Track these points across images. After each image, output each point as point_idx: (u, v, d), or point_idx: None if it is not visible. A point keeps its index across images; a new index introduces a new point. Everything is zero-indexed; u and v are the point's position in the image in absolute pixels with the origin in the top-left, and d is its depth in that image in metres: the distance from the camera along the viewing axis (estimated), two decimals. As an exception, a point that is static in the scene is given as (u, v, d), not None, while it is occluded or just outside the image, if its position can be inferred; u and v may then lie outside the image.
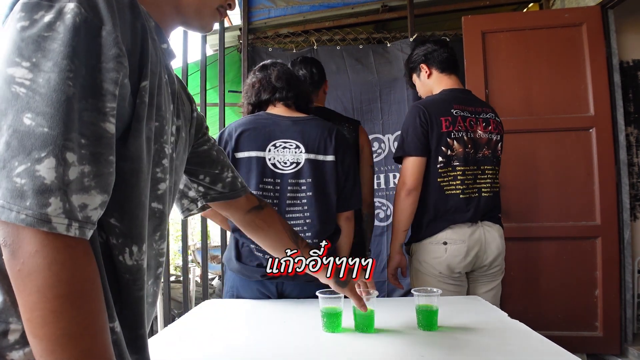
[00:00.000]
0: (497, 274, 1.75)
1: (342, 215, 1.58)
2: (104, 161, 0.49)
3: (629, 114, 2.77)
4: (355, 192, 1.59)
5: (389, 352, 0.96)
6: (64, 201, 0.45)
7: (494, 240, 1.70)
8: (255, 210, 0.98)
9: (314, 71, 1.85)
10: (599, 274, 2.57)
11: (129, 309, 0.59)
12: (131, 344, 0.60)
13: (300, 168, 1.50)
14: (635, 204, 2.78)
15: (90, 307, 0.47)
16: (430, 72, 1.82)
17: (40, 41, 0.46)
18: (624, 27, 2.78)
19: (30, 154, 0.44)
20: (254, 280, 1.49)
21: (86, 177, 0.47)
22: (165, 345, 1.04)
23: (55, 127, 0.45)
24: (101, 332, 0.48)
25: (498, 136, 1.77)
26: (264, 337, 1.09)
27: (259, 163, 1.49)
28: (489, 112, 1.78)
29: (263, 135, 1.50)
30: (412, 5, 3.16)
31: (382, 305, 1.38)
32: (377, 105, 3.08)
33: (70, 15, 0.47)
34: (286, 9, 3.28)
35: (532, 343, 0.98)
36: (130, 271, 0.58)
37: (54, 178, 0.44)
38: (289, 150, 1.50)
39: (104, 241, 0.56)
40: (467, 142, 1.70)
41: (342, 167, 1.54)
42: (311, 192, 1.50)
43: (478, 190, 1.71)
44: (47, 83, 0.45)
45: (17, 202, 0.43)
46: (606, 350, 2.58)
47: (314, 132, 1.52)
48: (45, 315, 0.45)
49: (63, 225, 0.45)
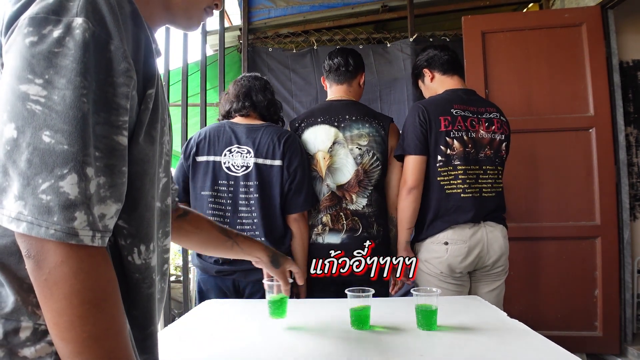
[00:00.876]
0: (501, 274, 1.75)
1: (289, 217, 1.68)
2: (117, 172, 0.52)
3: (628, 114, 2.77)
4: (300, 196, 1.66)
5: (389, 352, 0.96)
6: (87, 214, 0.48)
7: (496, 240, 1.70)
8: (181, 218, 0.99)
9: (349, 61, 1.83)
10: (599, 273, 2.57)
11: (139, 308, 0.62)
12: (141, 344, 0.63)
13: (250, 171, 1.65)
14: (635, 204, 2.78)
15: (112, 310, 0.51)
16: (433, 76, 1.86)
17: (52, 57, 0.47)
18: (624, 27, 2.78)
19: (53, 171, 0.46)
20: (212, 276, 1.64)
21: (102, 188, 0.50)
22: (165, 345, 1.04)
23: (74, 144, 0.47)
24: (122, 332, 0.52)
25: (502, 136, 1.77)
26: (264, 337, 1.09)
27: (215, 166, 1.65)
28: (493, 112, 1.78)
29: (221, 141, 1.67)
30: (412, 6, 3.16)
31: (382, 305, 1.38)
32: (377, 105, 3.08)
33: (80, 31, 0.48)
34: (286, 9, 3.28)
35: (532, 343, 0.98)
36: (139, 270, 0.61)
37: (77, 193, 0.47)
38: (240, 155, 1.65)
39: (112, 243, 0.59)
40: (467, 142, 1.71)
41: (287, 171, 1.64)
42: (257, 194, 1.64)
43: (479, 190, 1.71)
44: (63, 100, 0.47)
45: (45, 218, 0.46)
46: (606, 350, 2.58)
47: (265, 138, 1.66)
48: (72, 320, 0.48)
49: (88, 237, 0.48)
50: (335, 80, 1.85)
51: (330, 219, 1.73)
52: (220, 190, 1.65)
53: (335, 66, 1.83)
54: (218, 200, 1.66)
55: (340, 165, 1.74)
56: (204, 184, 1.66)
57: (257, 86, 1.75)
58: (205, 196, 1.66)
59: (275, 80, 3.14)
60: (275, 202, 1.65)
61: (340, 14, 3.29)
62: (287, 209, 1.67)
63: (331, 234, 1.72)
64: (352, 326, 1.12)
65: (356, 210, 1.73)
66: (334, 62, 1.83)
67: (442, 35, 3.15)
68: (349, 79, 1.84)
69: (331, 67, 1.84)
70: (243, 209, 1.64)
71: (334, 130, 1.75)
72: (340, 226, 1.72)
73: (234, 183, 1.64)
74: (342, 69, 1.82)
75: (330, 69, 1.85)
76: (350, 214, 1.73)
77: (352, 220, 1.72)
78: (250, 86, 1.75)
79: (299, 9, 3.28)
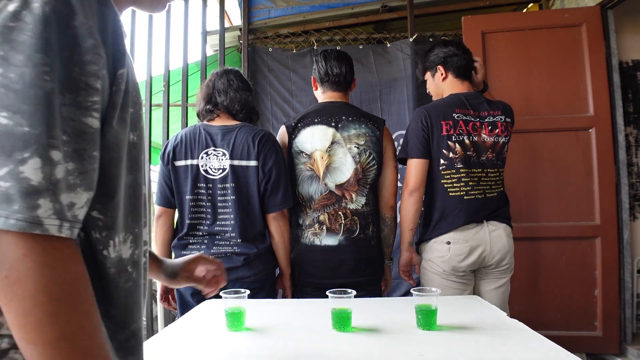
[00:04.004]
0: (506, 272, 1.76)
1: (268, 217, 1.67)
2: (88, 157, 0.48)
3: (628, 114, 2.78)
4: (277, 195, 1.66)
5: (389, 352, 0.96)
6: (53, 202, 0.43)
7: (499, 239, 1.71)
8: None
9: (347, 70, 1.84)
10: (599, 273, 2.57)
11: (118, 306, 0.57)
12: (124, 344, 0.58)
13: (226, 174, 1.64)
14: (635, 204, 2.78)
15: (84, 306, 0.46)
16: (445, 76, 1.83)
17: (6, 32, 0.43)
18: (624, 28, 2.78)
19: (12, 155, 0.42)
20: None
21: (71, 175, 0.46)
22: (165, 345, 1.04)
23: (36, 125, 0.43)
24: (97, 330, 0.48)
25: (506, 138, 1.78)
26: (263, 337, 1.09)
27: (193, 170, 1.65)
28: (497, 115, 1.78)
29: (197, 144, 1.67)
30: (412, 6, 3.16)
31: (382, 305, 1.38)
32: (377, 105, 3.08)
33: (39, 4, 0.44)
34: (286, 9, 3.28)
35: (532, 343, 0.98)
36: (115, 264, 0.56)
37: (41, 179, 0.43)
38: (216, 158, 1.65)
39: (82, 239, 0.54)
40: (469, 146, 1.72)
41: (262, 171, 1.64)
42: (234, 195, 1.63)
43: (482, 191, 1.73)
44: (21, 78, 0.43)
45: (3, 207, 0.41)
46: (605, 350, 2.58)
47: (239, 139, 1.65)
48: (40, 319, 0.43)
49: (55, 226, 0.44)
50: (331, 88, 1.84)
51: (328, 217, 1.73)
52: (200, 193, 1.66)
53: (334, 78, 1.80)
54: (199, 203, 1.67)
55: (339, 164, 1.75)
56: (186, 189, 1.66)
57: (220, 86, 1.72)
58: (187, 200, 1.67)
59: (275, 80, 3.15)
60: (253, 203, 1.65)
61: (340, 14, 3.29)
62: (265, 208, 1.67)
63: (328, 236, 1.72)
64: (333, 328, 1.11)
65: (356, 210, 1.73)
66: (334, 73, 1.80)
67: (442, 35, 3.15)
68: (346, 88, 1.86)
69: (330, 76, 1.80)
70: (221, 211, 1.65)
71: (332, 131, 1.76)
72: (337, 226, 1.72)
73: (212, 186, 1.65)
74: (342, 79, 1.82)
75: (329, 77, 1.81)
76: (350, 214, 1.73)
77: (351, 221, 1.72)
78: (214, 87, 1.72)
79: (299, 9, 3.28)
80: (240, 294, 1.15)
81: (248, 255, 1.63)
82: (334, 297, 1.11)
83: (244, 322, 1.15)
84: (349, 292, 1.11)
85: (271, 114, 3.10)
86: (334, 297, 1.11)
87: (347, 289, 1.12)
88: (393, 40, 3.19)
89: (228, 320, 1.14)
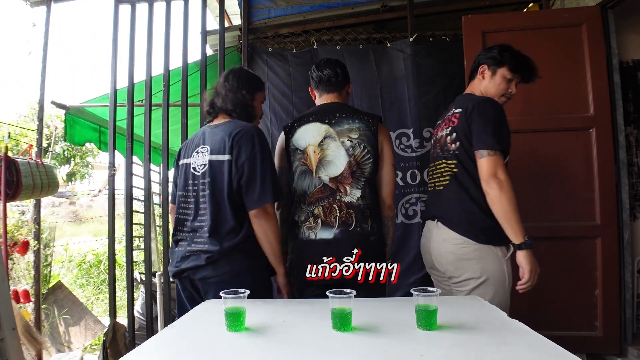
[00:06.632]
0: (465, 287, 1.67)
1: (250, 215, 1.62)
2: None
3: (628, 114, 2.77)
4: (252, 191, 1.60)
5: (389, 352, 0.96)
6: None
7: (431, 241, 1.79)
8: None
9: (338, 72, 1.89)
10: (599, 273, 2.57)
11: None
12: None
13: (205, 169, 1.66)
14: (635, 203, 2.78)
15: None
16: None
17: None
18: (624, 28, 2.78)
19: None
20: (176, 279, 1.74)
21: None
22: (165, 345, 1.04)
23: None
24: None
25: (447, 129, 1.79)
26: (263, 337, 1.09)
27: (187, 168, 1.73)
28: (452, 108, 1.83)
29: (193, 144, 1.75)
30: (412, 6, 3.16)
31: (382, 305, 1.38)
32: (378, 104, 3.08)
33: None
34: (286, 9, 3.29)
35: (532, 343, 0.98)
36: None
37: None
38: (202, 154, 1.69)
39: None
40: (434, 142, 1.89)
41: (235, 166, 1.61)
42: (209, 189, 1.63)
43: (433, 185, 1.85)
44: None
45: None
46: (606, 350, 2.58)
47: (219, 134, 1.67)
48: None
49: None
50: (326, 90, 1.89)
51: (323, 210, 1.71)
52: (189, 190, 1.70)
53: (325, 77, 1.87)
54: (187, 199, 1.71)
55: (332, 157, 1.75)
56: (180, 186, 1.75)
57: (219, 89, 1.78)
58: (179, 197, 1.75)
59: (275, 80, 3.15)
60: (224, 199, 1.61)
61: (340, 14, 3.29)
62: (247, 205, 1.62)
63: (323, 229, 1.70)
64: (333, 327, 1.11)
65: (350, 202, 1.71)
66: (324, 74, 1.86)
67: (442, 35, 3.15)
68: (339, 89, 1.88)
69: (321, 79, 1.87)
70: (202, 207, 1.65)
71: (325, 127, 1.78)
72: (332, 219, 1.70)
73: (197, 182, 1.68)
74: (333, 79, 1.87)
75: (320, 80, 1.88)
76: (344, 206, 1.71)
77: (347, 214, 1.70)
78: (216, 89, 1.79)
79: (299, 9, 3.28)
80: (240, 294, 1.15)
81: (212, 253, 1.58)
82: (334, 297, 1.11)
83: (244, 322, 1.15)
84: (349, 292, 1.11)
85: (270, 111, 3.11)
86: (334, 297, 1.11)
87: (347, 289, 1.12)
88: (393, 40, 3.19)
89: (228, 320, 1.14)
